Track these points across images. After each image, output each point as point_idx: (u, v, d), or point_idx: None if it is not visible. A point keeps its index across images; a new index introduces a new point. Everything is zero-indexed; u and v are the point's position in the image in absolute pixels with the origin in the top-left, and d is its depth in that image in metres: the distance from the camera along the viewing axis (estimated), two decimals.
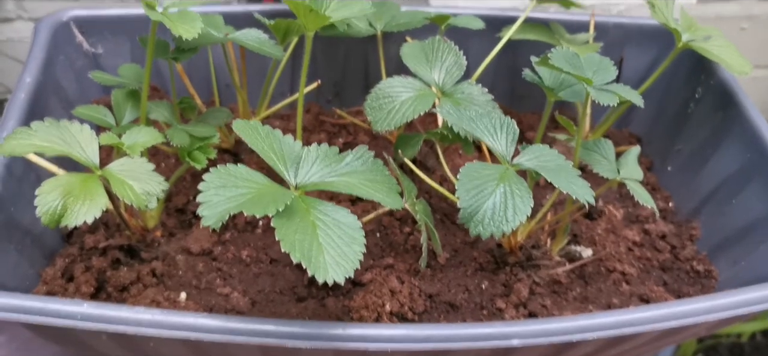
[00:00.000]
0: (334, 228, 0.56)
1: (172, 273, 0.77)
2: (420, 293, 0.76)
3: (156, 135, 0.68)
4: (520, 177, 0.59)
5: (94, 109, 0.75)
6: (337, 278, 0.53)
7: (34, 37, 0.87)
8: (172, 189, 0.86)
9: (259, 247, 0.81)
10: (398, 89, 0.78)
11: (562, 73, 0.70)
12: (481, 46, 0.95)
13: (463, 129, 0.65)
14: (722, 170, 0.88)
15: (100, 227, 0.80)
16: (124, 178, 0.63)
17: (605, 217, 0.89)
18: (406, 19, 0.93)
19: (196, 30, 0.62)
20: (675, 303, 0.65)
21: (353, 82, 1.04)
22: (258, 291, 0.76)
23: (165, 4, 0.66)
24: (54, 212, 0.59)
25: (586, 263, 0.82)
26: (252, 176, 0.58)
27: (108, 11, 0.93)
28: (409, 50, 0.82)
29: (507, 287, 0.78)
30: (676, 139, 0.97)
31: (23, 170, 0.75)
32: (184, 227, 0.83)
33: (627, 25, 1.00)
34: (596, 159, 0.71)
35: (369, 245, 0.83)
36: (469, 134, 0.65)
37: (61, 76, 0.89)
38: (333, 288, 0.77)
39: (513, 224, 0.55)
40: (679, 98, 0.98)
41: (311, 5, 0.62)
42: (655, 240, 0.88)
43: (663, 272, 0.84)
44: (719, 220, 0.87)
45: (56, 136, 0.63)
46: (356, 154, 0.63)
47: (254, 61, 0.97)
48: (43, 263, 0.76)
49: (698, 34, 0.88)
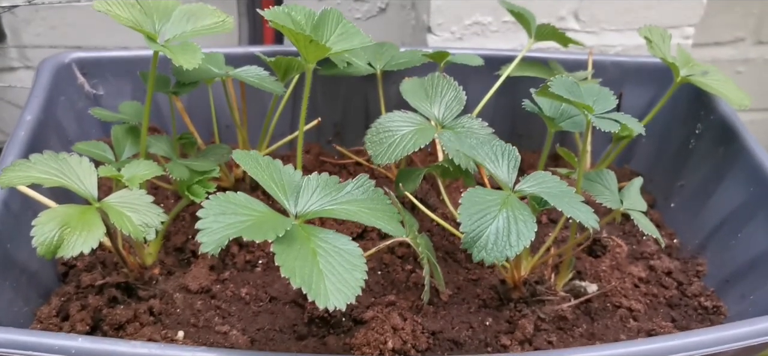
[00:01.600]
0: (335, 255, 0.55)
1: (169, 311, 0.75)
2: (423, 330, 0.75)
3: (155, 168, 0.68)
4: (522, 203, 0.58)
5: (94, 144, 0.75)
6: (337, 304, 0.52)
7: (36, 78, 0.87)
8: (170, 228, 0.86)
9: (258, 285, 0.80)
10: (398, 123, 0.78)
11: (562, 104, 0.70)
12: (480, 85, 0.95)
13: (464, 156, 0.65)
14: (726, 204, 0.88)
15: (97, 265, 0.79)
16: (123, 210, 0.63)
17: (609, 254, 0.88)
18: (406, 59, 0.94)
19: (197, 61, 0.62)
20: (688, 333, 0.63)
21: (353, 122, 1.04)
22: (257, 329, 0.75)
23: (166, 37, 0.66)
24: (50, 242, 0.59)
25: (592, 299, 0.80)
26: (251, 203, 0.57)
27: (110, 53, 0.94)
28: (409, 86, 0.82)
29: (511, 323, 0.77)
30: (679, 175, 0.97)
31: (21, 207, 0.74)
32: (182, 265, 0.82)
33: (625, 64, 1.01)
34: (599, 190, 0.71)
35: (371, 282, 0.82)
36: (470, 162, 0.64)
37: (62, 116, 0.89)
38: (334, 325, 0.76)
39: (516, 249, 0.54)
40: (679, 135, 0.98)
41: (311, 37, 0.63)
42: (661, 277, 0.86)
43: (670, 308, 0.83)
44: (725, 255, 0.86)
45: (55, 168, 0.63)
46: (357, 183, 0.63)
47: (255, 101, 0.97)
48: (38, 302, 0.75)
49: (696, 70, 0.88)
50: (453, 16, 1.14)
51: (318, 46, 0.63)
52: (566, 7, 1.15)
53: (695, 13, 1.17)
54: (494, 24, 1.15)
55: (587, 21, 1.16)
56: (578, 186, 0.70)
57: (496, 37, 1.16)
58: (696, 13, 1.17)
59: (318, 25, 0.69)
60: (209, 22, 0.67)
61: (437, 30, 1.15)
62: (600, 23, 1.16)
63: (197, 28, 0.67)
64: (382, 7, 1.38)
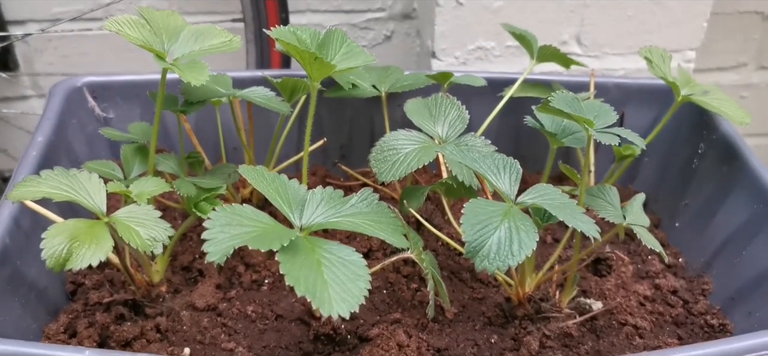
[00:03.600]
0: (339, 266, 0.56)
1: (176, 329, 0.76)
2: (428, 347, 0.75)
3: (163, 185, 0.69)
4: (524, 214, 0.59)
5: (103, 164, 0.77)
6: (341, 312, 0.52)
7: (47, 100, 0.89)
8: (178, 248, 0.87)
9: (264, 303, 0.81)
10: (402, 142, 0.79)
11: (563, 120, 0.71)
12: (483, 108, 0.96)
13: (467, 171, 0.66)
14: (731, 222, 0.88)
15: (105, 284, 0.80)
16: (130, 224, 0.64)
17: (614, 273, 0.88)
18: (410, 81, 0.95)
19: (204, 77, 0.64)
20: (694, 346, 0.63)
21: (359, 145, 1.06)
22: (263, 346, 0.75)
23: (174, 57, 0.68)
24: (59, 255, 0.59)
25: (597, 316, 0.80)
26: (257, 215, 0.58)
27: (120, 77, 0.96)
28: (413, 106, 0.83)
29: (516, 341, 0.77)
30: (683, 194, 0.97)
31: (31, 224, 0.75)
32: (189, 284, 0.83)
33: (627, 85, 1.02)
34: (601, 205, 0.71)
35: (376, 301, 0.82)
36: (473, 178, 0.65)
37: (73, 138, 0.91)
38: (339, 343, 0.76)
39: (518, 257, 0.55)
40: (682, 155, 0.99)
41: (316, 54, 0.64)
42: (667, 295, 0.86)
43: (676, 327, 0.83)
44: (731, 273, 0.85)
45: (65, 184, 0.64)
46: (361, 196, 0.63)
47: (261, 123, 0.99)
48: (46, 319, 0.75)
49: (696, 89, 0.89)
50: (457, 42, 1.16)
51: (323, 63, 0.65)
52: (568, 31, 1.17)
53: (696, 37, 1.19)
54: (497, 49, 1.17)
55: (589, 45, 1.18)
56: (581, 201, 0.71)
57: (500, 61, 1.18)
58: (697, 37, 1.19)
59: (323, 44, 0.70)
60: (216, 42, 0.69)
61: (441, 55, 1.17)
62: (602, 47, 1.18)
63: (205, 48, 0.68)
64: (387, 34, 1.40)
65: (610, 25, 1.15)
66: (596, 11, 1.14)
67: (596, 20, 1.15)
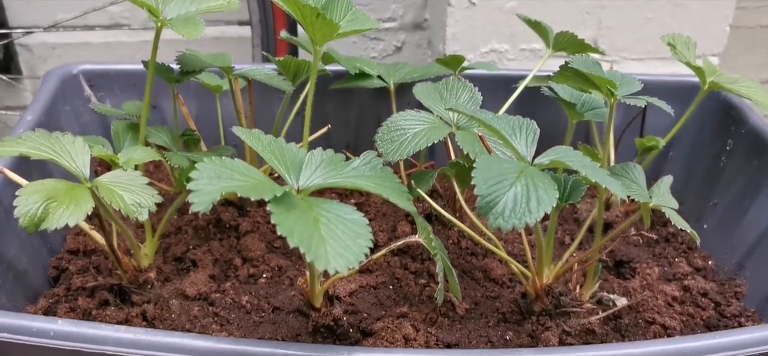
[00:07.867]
0: (338, 223, 0.50)
1: (164, 317, 0.70)
2: (437, 341, 0.68)
3: (152, 153, 0.64)
4: (542, 172, 0.53)
5: (94, 139, 0.72)
6: (339, 268, 0.47)
7: (41, 85, 0.85)
8: (171, 239, 0.81)
9: (260, 295, 0.75)
10: (411, 122, 0.74)
11: (583, 94, 0.66)
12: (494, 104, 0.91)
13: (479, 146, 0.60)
14: (764, 220, 0.82)
15: (91, 269, 0.75)
16: (115, 188, 0.59)
17: (638, 276, 0.82)
18: (421, 72, 0.91)
19: (199, 32, 0.60)
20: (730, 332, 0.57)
21: (365, 143, 1.01)
22: (258, 338, 0.69)
23: (169, 17, 0.64)
24: (34, 214, 0.55)
25: (622, 314, 0.74)
26: (250, 170, 0.53)
27: (118, 65, 0.93)
28: (423, 89, 0.79)
29: (534, 338, 0.70)
30: (711, 194, 0.91)
31: (12, 202, 0.70)
32: (181, 274, 0.77)
33: (648, 82, 0.97)
34: (626, 183, 0.65)
35: (381, 296, 0.76)
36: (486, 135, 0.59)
37: (65, 126, 0.87)
38: (340, 336, 0.70)
39: (537, 215, 0.49)
40: (709, 153, 0.93)
41: (319, 10, 0.60)
42: (697, 297, 0.79)
43: (708, 329, 0.75)
44: (766, 272, 0.79)
45: (46, 144, 0.60)
46: (364, 159, 0.58)
47: (263, 112, 0.94)
48: (24, 303, 0.70)
49: (723, 79, 0.84)
50: (469, 44, 1.12)
51: (325, 21, 0.61)
52: (586, 35, 1.12)
53: (719, 42, 1.14)
54: (511, 52, 1.13)
55: (607, 49, 1.13)
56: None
57: (513, 65, 1.13)
58: (719, 42, 1.14)
59: (326, 7, 0.66)
60: (214, 3, 0.65)
61: None
62: (620, 52, 1.14)
63: (201, 9, 0.64)
64: (398, 45, 1.37)
65: (628, 28, 1.11)
66: (614, 13, 1.10)
67: (614, 23, 1.11)
